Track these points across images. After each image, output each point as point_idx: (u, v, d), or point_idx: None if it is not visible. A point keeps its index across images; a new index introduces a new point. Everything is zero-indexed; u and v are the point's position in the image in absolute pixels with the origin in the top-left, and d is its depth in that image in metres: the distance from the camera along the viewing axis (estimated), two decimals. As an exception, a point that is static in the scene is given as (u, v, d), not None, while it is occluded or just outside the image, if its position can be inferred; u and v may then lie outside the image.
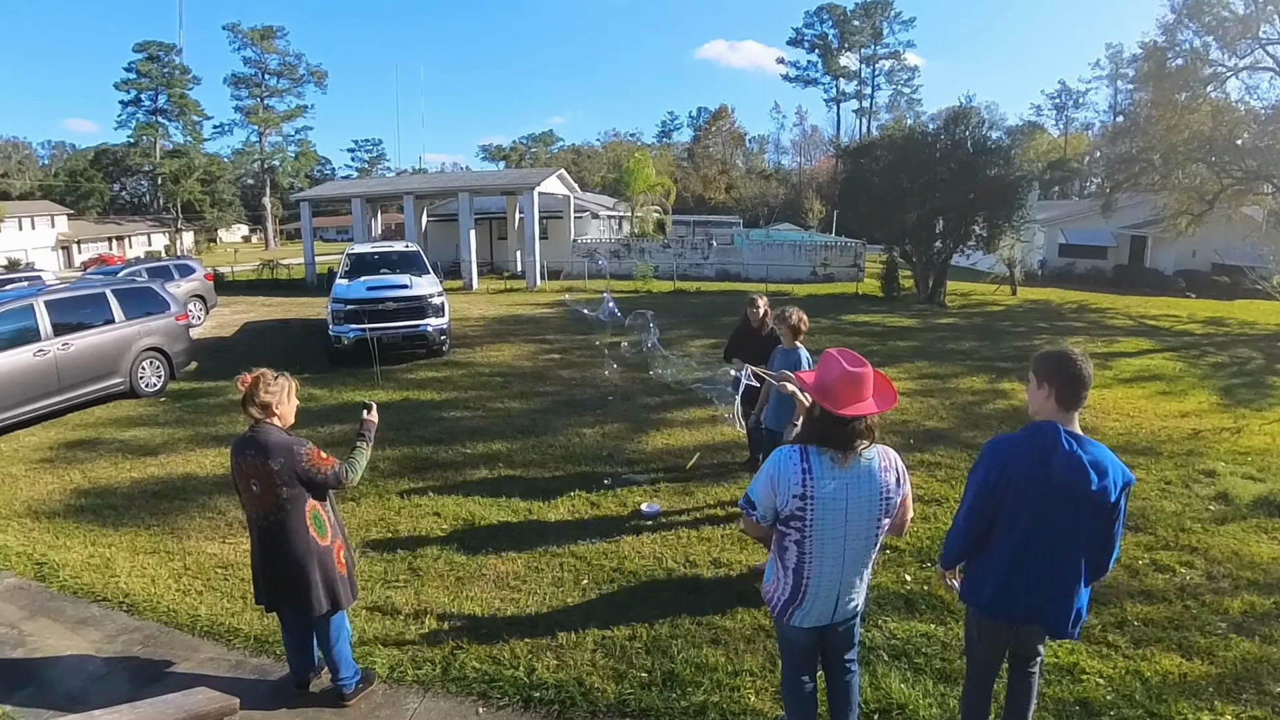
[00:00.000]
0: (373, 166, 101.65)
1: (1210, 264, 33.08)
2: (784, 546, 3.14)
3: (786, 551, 3.14)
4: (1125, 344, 16.65)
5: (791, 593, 3.17)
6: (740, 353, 7.32)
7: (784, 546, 3.14)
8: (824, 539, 3.04)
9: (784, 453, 3.09)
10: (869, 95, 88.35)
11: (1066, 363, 3.05)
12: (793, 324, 6.28)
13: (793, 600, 3.18)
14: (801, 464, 3.00)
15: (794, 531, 3.07)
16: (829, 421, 3.01)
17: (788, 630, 3.32)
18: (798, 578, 3.13)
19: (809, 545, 3.06)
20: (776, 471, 3.05)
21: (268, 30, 77.00)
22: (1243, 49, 23.74)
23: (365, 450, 4.13)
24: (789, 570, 3.15)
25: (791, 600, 3.18)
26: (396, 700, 4.23)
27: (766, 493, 3.09)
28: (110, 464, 8.49)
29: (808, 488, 2.98)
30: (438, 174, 64.05)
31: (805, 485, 2.98)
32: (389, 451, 8.58)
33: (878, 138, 35.01)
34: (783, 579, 3.19)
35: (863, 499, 3.02)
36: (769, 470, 3.08)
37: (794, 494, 2.99)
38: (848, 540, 3.07)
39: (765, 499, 3.10)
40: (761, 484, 3.10)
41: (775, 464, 3.07)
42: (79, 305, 11.07)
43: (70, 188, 72.37)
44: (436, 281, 14.97)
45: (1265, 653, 4.61)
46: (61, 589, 5.59)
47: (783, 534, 3.13)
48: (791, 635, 3.34)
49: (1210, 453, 8.61)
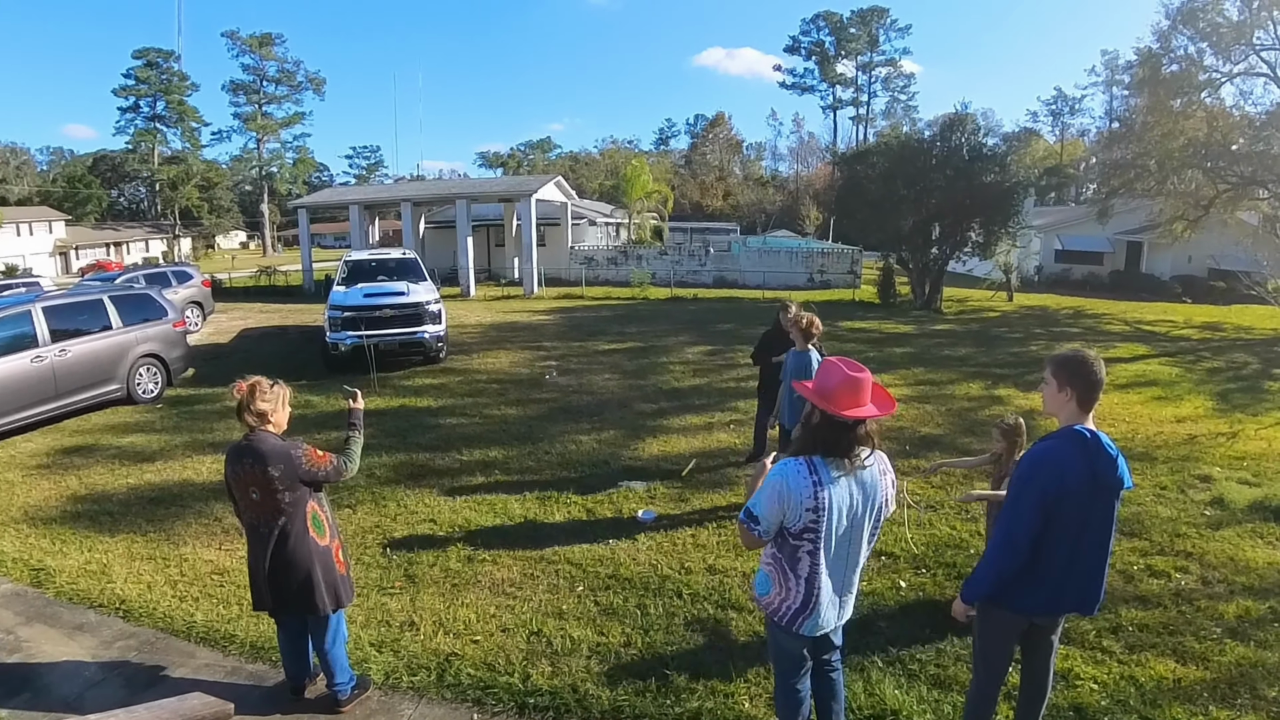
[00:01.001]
0: (370, 173, 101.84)
1: (1206, 269, 33.22)
2: (797, 558, 3.10)
3: (800, 563, 3.10)
4: (1121, 349, 16.68)
5: (803, 602, 3.16)
6: (771, 355, 7.68)
7: (797, 558, 3.10)
8: (834, 546, 3.06)
9: (790, 466, 3.02)
10: (865, 102, 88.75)
11: (1087, 367, 3.14)
12: (803, 326, 6.54)
13: (804, 610, 3.17)
14: (811, 477, 2.98)
15: (807, 543, 3.04)
16: (830, 427, 3.02)
17: (790, 640, 3.31)
18: (810, 586, 3.12)
19: (821, 554, 3.06)
20: (785, 487, 2.98)
21: (266, 37, 77.09)
22: (1237, 55, 23.89)
23: (358, 439, 4.17)
24: (802, 580, 3.12)
25: (803, 610, 3.17)
26: (391, 707, 4.23)
27: (773, 508, 3.02)
28: (107, 470, 8.49)
29: (820, 500, 2.96)
30: (435, 181, 64.22)
31: (818, 498, 2.96)
32: (385, 458, 8.58)
33: (874, 144, 35.22)
34: (794, 589, 3.16)
35: (866, 505, 3.06)
36: (775, 486, 3.01)
37: (806, 508, 2.97)
38: (851, 545, 3.10)
39: (771, 514, 3.04)
40: (767, 498, 3.03)
41: (783, 479, 2.99)
42: (76, 311, 11.08)
43: (68, 194, 72.38)
44: (434, 288, 14.96)
45: (1260, 657, 4.62)
46: (58, 595, 5.58)
47: (796, 546, 3.08)
48: (792, 645, 3.34)
49: (1206, 458, 8.63)
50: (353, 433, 4.17)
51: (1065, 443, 3.13)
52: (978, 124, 25.48)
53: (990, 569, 3.25)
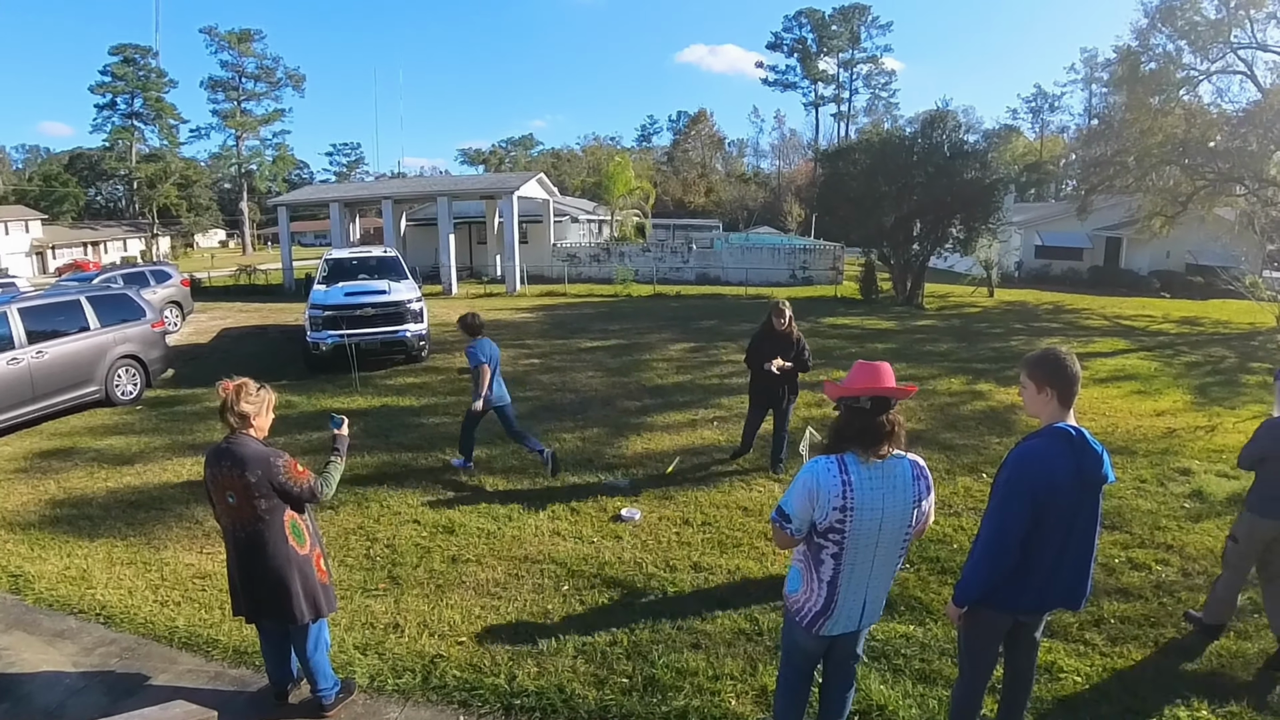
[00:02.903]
0: (351, 170, 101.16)
1: (1184, 264, 33.54)
2: (820, 559, 3.11)
3: (823, 564, 3.10)
4: (1101, 344, 16.83)
5: (824, 604, 3.16)
6: (763, 356, 7.70)
7: (820, 559, 3.11)
8: (858, 549, 3.04)
9: (821, 464, 3.04)
10: (847, 99, 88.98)
11: (1062, 365, 3.15)
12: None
13: (824, 612, 3.17)
14: (841, 475, 2.98)
15: (831, 544, 3.04)
16: (850, 414, 3.05)
17: (808, 640, 3.31)
18: (831, 589, 3.12)
19: (845, 557, 3.05)
20: (815, 484, 3.00)
21: (245, 33, 76.39)
22: (1215, 53, 24.13)
23: (339, 464, 4.11)
24: (824, 583, 3.13)
25: (823, 612, 3.17)
26: (377, 710, 4.21)
27: (804, 506, 3.04)
28: (86, 474, 8.39)
29: (848, 499, 2.96)
30: (416, 178, 63.95)
31: (846, 497, 2.96)
32: (368, 458, 8.53)
33: (856, 141, 35.32)
34: (816, 590, 3.16)
35: (896, 508, 3.03)
36: (806, 483, 3.03)
37: (834, 506, 2.97)
38: (879, 549, 3.07)
39: (802, 512, 3.05)
40: (798, 496, 3.06)
41: (814, 476, 3.02)
42: (53, 313, 10.93)
43: (45, 192, 71.40)
44: (415, 287, 14.87)
45: (1240, 648, 4.69)
46: (37, 601, 5.51)
47: (819, 546, 3.09)
48: (808, 644, 3.35)
49: (1185, 451, 8.72)
50: (335, 458, 4.13)
51: (1051, 441, 3.15)
52: (959, 121, 25.56)
53: (980, 571, 3.25)
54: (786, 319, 7.67)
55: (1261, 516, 4.63)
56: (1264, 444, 4.69)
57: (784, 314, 7.67)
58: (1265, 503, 4.63)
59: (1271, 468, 4.61)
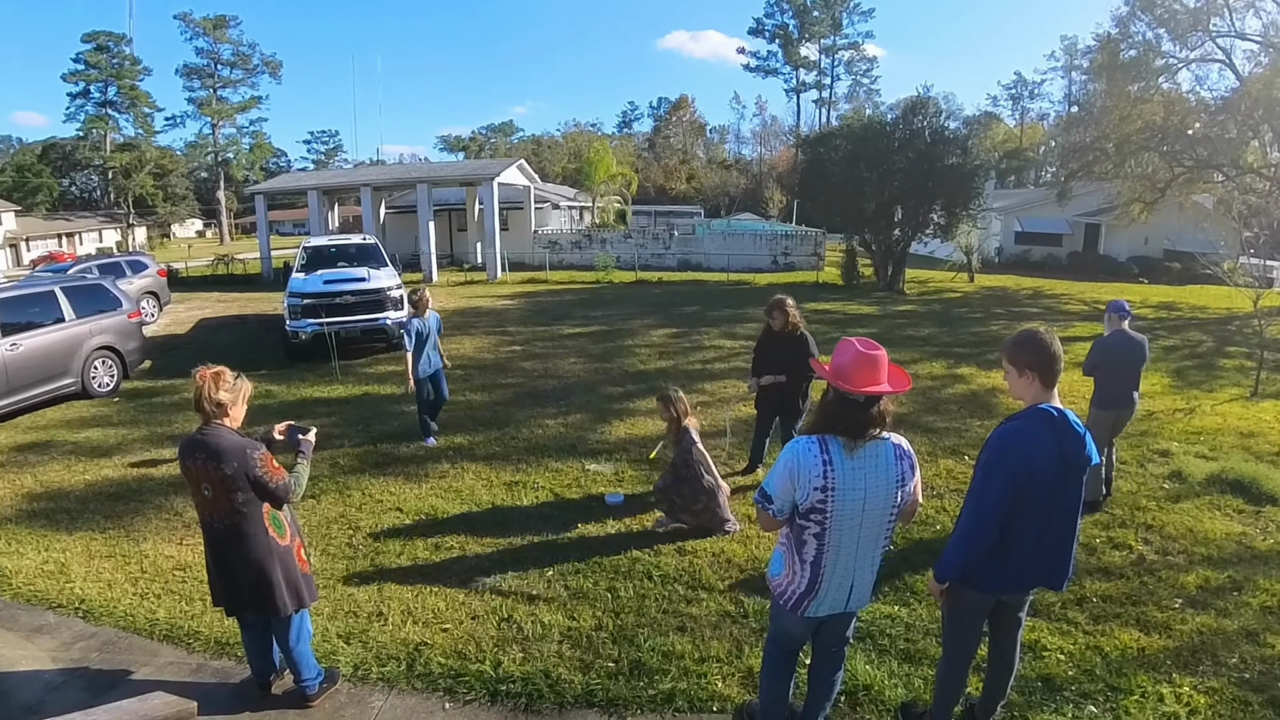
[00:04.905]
0: (329, 158, 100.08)
1: (1162, 250, 33.77)
2: (802, 540, 3.08)
3: (805, 545, 3.08)
4: (1080, 329, 16.93)
5: (808, 586, 3.14)
6: (766, 365, 7.04)
7: (802, 540, 3.08)
8: (841, 530, 3.00)
9: (802, 444, 3.01)
10: (829, 86, 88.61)
11: (1043, 345, 3.14)
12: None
13: (808, 593, 3.15)
14: (822, 455, 2.94)
15: (813, 524, 3.01)
16: (843, 404, 2.98)
17: (793, 622, 3.30)
18: (815, 570, 3.10)
19: (828, 537, 3.02)
20: (796, 464, 2.97)
21: (220, 19, 75.07)
22: (1193, 41, 24.29)
23: (306, 468, 4.01)
24: (807, 564, 3.10)
25: (807, 593, 3.15)
26: (361, 699, 4.18)
27: (785, 486, 3.01)
28: (63, 467, 8.28)
29: (829, 479, 2.92)
30: (396, 165, 63.25)
31: (826, 477, 2.92)
32: (349, 448, 8.48)
33: (837, 128, 35.30)
34: (799, 572, 3.14)
35: (879, 488, 2.98)
36: (787, 463, 3.01)
37: (815, 486, 2.93)
38: (863, 530, 3.03)
39: (783, 492, 3.03)
40: (779, 476, 3.03)
41: (794, 456, 2.99)
42: (27, 304, 10.75)
43: (18, 183, 70.14)
44: (395, 274, 14.79)
45: (1220, 625, 4.74)
46: (14, 596, 5.43)
47: (802, 527, 3.06)
48: (793, 626, 3.33)
49: (1164, 433, 8.82)
50: (301, 460, 4.01)
51: (1033, 422, 3.14)
52: (939, 107, 25.57)
53: (960, 548, 3.25)
54: (783, 319, 6.91)
55: (1101, 409, 6.66)
56: (1095, 356, 6.72)
57: (779, 313, 6.91)
58: (1102, 399, 6.69)
59: (1103, 374, 6.66)
